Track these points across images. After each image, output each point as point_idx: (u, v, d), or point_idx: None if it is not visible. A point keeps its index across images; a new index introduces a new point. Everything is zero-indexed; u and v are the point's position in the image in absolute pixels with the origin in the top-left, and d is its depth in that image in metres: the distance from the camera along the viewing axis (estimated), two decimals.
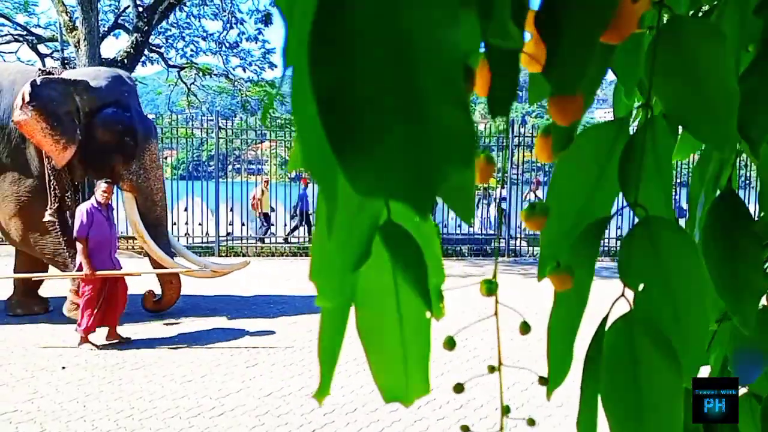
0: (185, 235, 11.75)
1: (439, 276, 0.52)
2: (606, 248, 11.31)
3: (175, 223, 12.14)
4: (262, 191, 13.08)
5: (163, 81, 19.51)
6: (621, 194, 0.55)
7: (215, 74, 18.36)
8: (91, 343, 5.53)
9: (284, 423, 4.00)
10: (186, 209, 11.87)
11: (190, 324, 6.39)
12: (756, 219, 0.65)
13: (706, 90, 0.50)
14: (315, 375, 3.74)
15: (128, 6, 14.66)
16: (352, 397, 4.44)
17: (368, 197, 0.34)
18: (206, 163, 14.05)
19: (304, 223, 12.86)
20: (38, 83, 5.95)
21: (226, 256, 11.35)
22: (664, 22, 0.52)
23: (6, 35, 16.50)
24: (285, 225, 13.01)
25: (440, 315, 0.52)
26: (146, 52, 15.19)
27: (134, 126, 6.49)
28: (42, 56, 17.14)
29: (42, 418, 3.99)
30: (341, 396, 4.46)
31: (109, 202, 5.89)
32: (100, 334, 5.68)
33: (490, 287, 0.53)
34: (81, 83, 6.28)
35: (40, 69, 6.50)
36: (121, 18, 15.66)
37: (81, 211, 5.62)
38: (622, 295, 0.53)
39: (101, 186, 5.72)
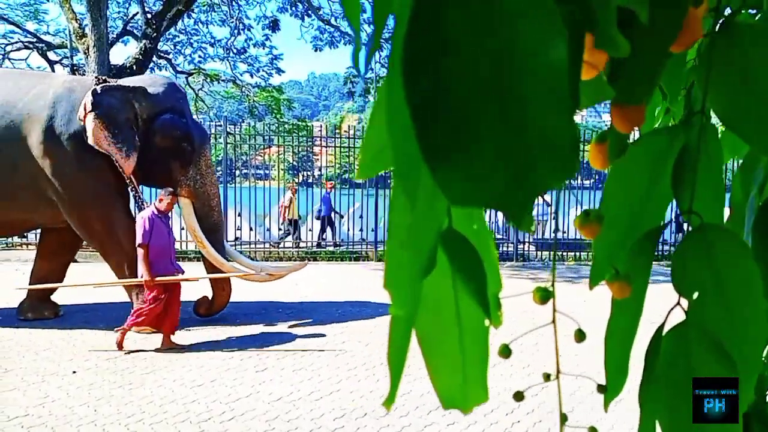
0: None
1: (496, 284, 0.52)
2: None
3: (182, 228, 12.19)
4: (291, 198, 13.12)
5: None
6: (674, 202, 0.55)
7: (223, 80, 18.48)
8: (119, 345, 5.60)
9: (294, 428, 3.99)
10: None
11: (199, 329, 6.40)
12: None
13: (762, 96, 0.50)
14: (324, 379, 3.78)
15: (137, 13, 14.76)
16: (362, 402, 4.43)
17: (461, 206, 0.34)
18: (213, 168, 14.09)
19: (327, 226, 12.87)
20: (98, 91, 6.03)
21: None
22: (717, 28, 0.51)
23: (16, 42, 16.66)
24: (310, 230, 13.01)
25: (498, 323, 0.52)
26: (155, 58, 15.28)
27: (191, 132, 6.56)
28: (51, 63, 17.29)
29: (53, 423, 4.00)
30: (351, 401, 4.45)
31: (171, 210, 5.95)
32: (130, 341, 5.70)
33: (545, 295, 0.53)
34: (139, 90, 6.34)
35: (96, 77, 6.60)
36: (130, 25, 15.78)
37: (142, 219, 5.70)
38: (678, 303, 0.53)
39: (164, 194, 5.80)
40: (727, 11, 0.52)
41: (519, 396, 0.62)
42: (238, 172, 16.04)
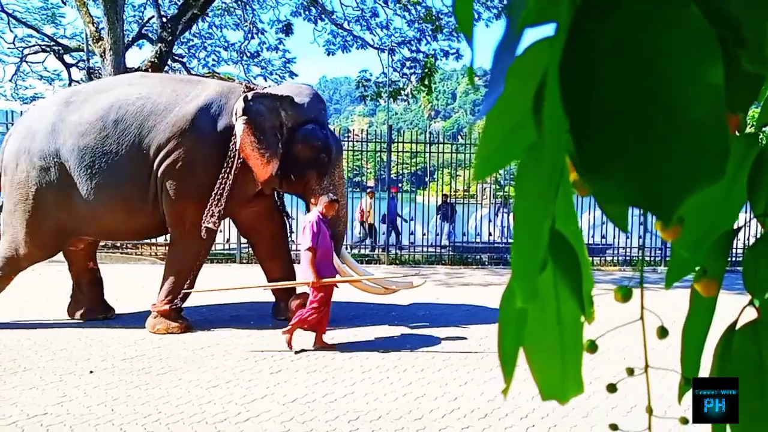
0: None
1: (589, 282, 0.54)
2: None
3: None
4: (370, 204, 13.15)
5: None
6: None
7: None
8: (288, 344, 5.76)
9: (309, 430, 4.01)
10: None
11: (214, 331, 6.44)
12: None
13: None
14: (339, 381, 3.80)
15: (152, 17, 14.90)
16: (376, 405, 4.44)
17: (610, 203, 0.37)
18: None
19: (392, 230, 12.83)
20: (249, 98, 6.19)
21: (248, 263, 11.43)
22: None
23: (34, 45, 16.89)
24: (382, 233, 12.98)
25: (592, 318, 0.55)
26: (169, 61, 15.42)
27: (330, 143, 6.72)
28: (68, 66, 17.50)
29: (72, 422, 4.05)
30: (365, 404, 4.46)
31: (332, 214, 6.13)
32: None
33: (626, 293, 0.55)
34: (286, 99, 6.49)
35: (245, 85, 6.76)
36: (145, 28, 15.94)
37: (310, 223, 5.85)
38: (750, 302, 0.55)
39: (324, 200, 5.97)
40: None
41: (612, 388, 0.66)
42: None
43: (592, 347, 0.58)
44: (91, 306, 6.90)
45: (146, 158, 6.25)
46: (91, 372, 5.05)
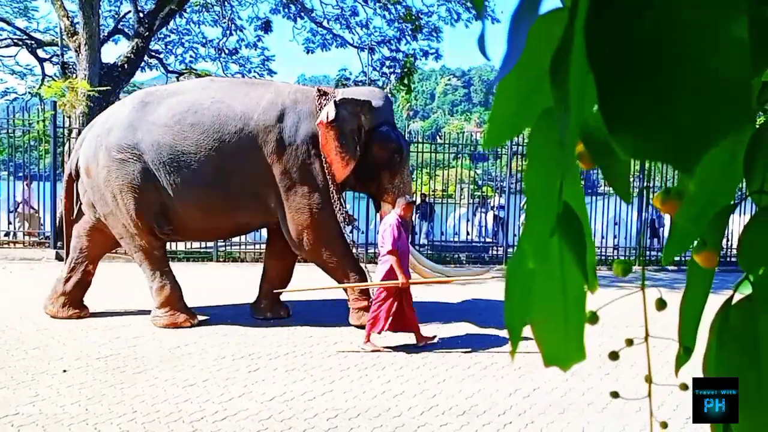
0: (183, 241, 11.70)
1: (592, 255, 0.57)
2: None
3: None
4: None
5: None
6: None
7: None
8: (375, 348, 5.80)
9: (288, 428, 4.00)
10: None
11: (191, 329, 6.38)
12: None
13: None
14: (317, 380, 3.81)
15: (129, 12, 14.69)
16: (355, 403, 4.44)
17: (636, 158, 0.38)
18: None
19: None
20: (338, 103, 6.40)
21: (225, 262, 11.34)
22: None
23: (5, 39, 16.48)
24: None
25: (595, 288, 0.57)
26: (146, 57, 15.21)
27: (402, 144, 7.01)
28: (41, 60, 17.15)
29: (44, 422, 3.97)
30: (344, 401, 4.46)
31: (410, 216, 6.30)
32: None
33: (627, 267, 0.57)
34: (366, 104, 6.70)
35: (318, 89, 6.84)
36: (122, 24, 15.69)
37: (391, 226, 5.93)
38: (746, 278, 0.57)
39: (402, 203, 6.08)
40: None
41: (614, 355, 0.67)
42: None
43: (593, 318, 0.59)
44: (72, 303, 6.80)
45: (233, 163, 6.44)
46: (65, 371, 4.96)
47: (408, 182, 7.17)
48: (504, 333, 5.76)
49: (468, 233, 13.17)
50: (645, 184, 12.76)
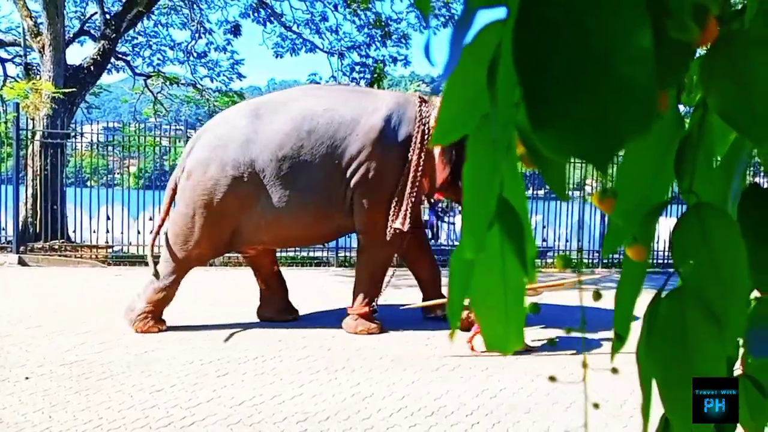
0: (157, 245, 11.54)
1: (533, 248, 0.61)
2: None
3: (140, 232, 11.97)
4: None
5: (128, 89, 19.18)
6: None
7: (182, 83, 18.19)
8: (472, 348, 5.84)
9: None
10: (152, 219, 11.70)
11: (158, 334, 6.30)
12: None
13: (754, 93, 0.58)
14: (287, 383, 3.83)
15: (95, 13, 14.45)
16: (325, 406, 4.45)
17: (555, 156, 0.44)
18: (170, 173, 13.89)
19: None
20: None
21: (225, 266, 11.19)
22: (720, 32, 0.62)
23: None
24: None
25: (534, 279, 0.62)
26: (113, 59, 14.98)
27: None
28: (3, 61, 16.72)
29: (5, 430, 3.89)
30: (314, 404, 4.47)
31: None
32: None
33: (568, 262, 0.62)
34: None
35: (418, 95, 6.91)
36: (87, 25, 15.41)
37: None
38: (676, 270, 0.62)
39: None
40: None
41: (535, 308, 0.72)
42: None
43: (535, 309, 0.64)
44: (280, 307, 7.14)
45: (339, 168, 6.51)
46: (27, 378, 4.85)
47: None
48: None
49: (436, 237, 13.28)
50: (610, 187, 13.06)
